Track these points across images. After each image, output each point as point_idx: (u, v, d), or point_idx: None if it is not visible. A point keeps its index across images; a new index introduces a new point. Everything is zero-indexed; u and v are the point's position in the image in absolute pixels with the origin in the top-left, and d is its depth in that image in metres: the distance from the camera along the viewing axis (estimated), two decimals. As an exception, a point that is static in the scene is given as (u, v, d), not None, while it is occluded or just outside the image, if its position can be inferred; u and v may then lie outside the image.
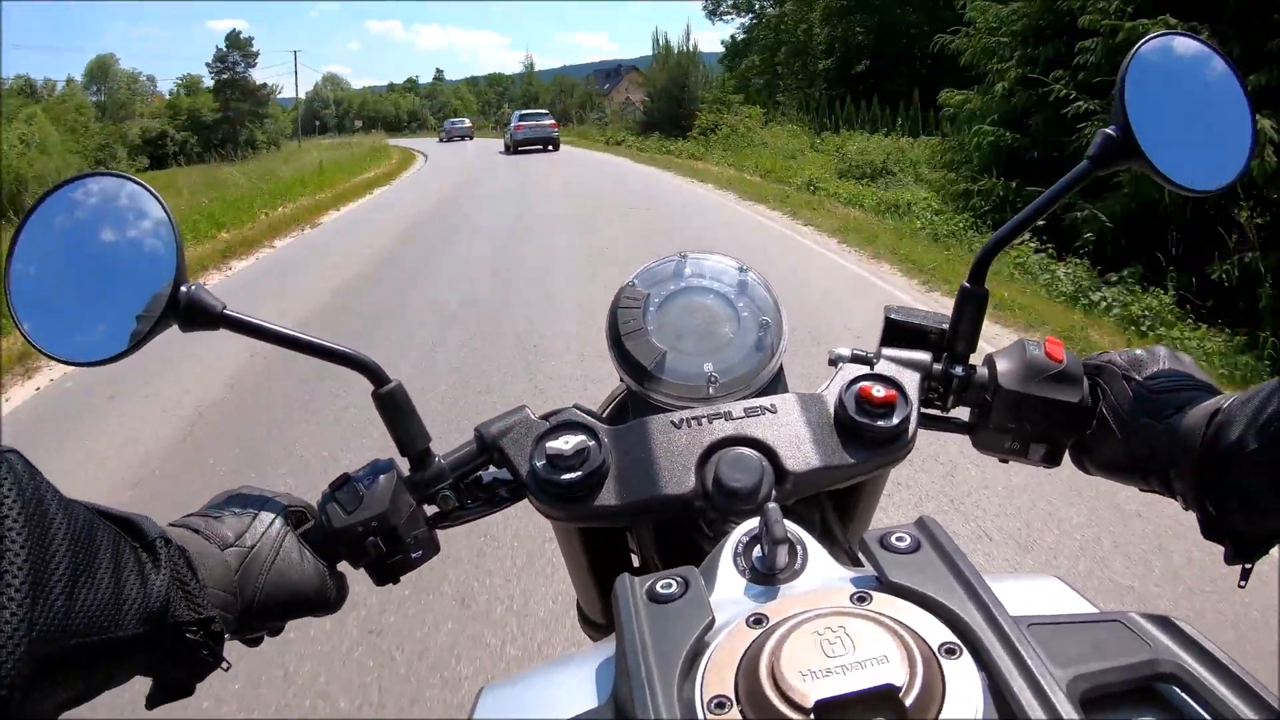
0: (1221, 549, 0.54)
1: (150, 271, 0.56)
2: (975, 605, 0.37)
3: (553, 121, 28.96)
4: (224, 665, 0.48)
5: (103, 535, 0.40)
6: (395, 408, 0.59)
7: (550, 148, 27.01)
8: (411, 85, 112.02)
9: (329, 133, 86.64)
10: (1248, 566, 0.55)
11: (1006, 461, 0.66)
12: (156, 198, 0.58)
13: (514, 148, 27.51)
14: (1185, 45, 0.62)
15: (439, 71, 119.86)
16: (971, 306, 0.64)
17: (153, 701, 0.46)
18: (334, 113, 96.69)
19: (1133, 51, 0.59)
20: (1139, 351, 0.61)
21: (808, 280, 6.10)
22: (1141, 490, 0.61)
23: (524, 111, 33.80)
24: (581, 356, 4.37)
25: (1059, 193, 0.61)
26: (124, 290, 0.56)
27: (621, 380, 0.66)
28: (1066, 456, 0.64)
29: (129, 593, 0.40)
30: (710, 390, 0.62)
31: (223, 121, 48.76)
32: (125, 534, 0.43)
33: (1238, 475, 0.51)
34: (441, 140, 47.26)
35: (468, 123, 50.27)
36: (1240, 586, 0.56)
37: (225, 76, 51.62)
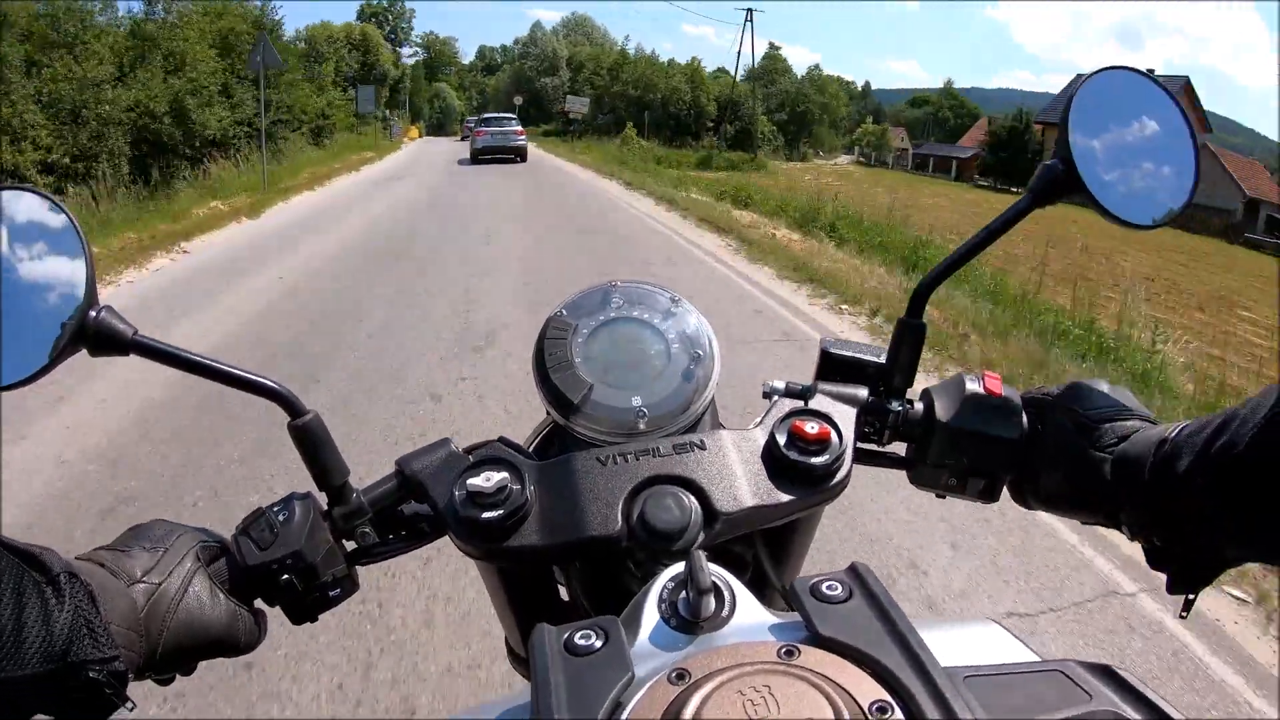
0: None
1: (59, 294, 0.53)
2: (908, 659, 0.36)
3: (519, 129, 25.34)
4: (128, 705, 0.45)
5: (4, 568, 0.39)
6: (312, 440, 0.57)
7: (517, 158, 24.02)
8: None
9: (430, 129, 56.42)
10: (1190, 597, 0.54)
11: (944, 497, 0.64)
12: (69, 216, 0.55)
13: (476, 156, 24.14)
14: (1130, 80, 0.62)
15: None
16: (909, 339, 0.63)
17: None
18: (563, 81, 56.98)
19: (1077, 85, 0.59)
20: (1078, 384, 0.61)
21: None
22: (1084, 523, 0.60)
23: (488, 115, 28.62)
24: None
25: (1001, 227, 0.61)
26: (31, 313, 0.53)
27: (548, 413, 0.64)
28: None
29: (30, 631, 0.39)
30: (639, 425, 0.60)
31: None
32: (29, 568, 0.41)
33: (1184, 506, 0.50)
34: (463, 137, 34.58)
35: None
36: (1181, 617, 0.56)
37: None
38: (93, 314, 0.53)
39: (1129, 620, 2.56)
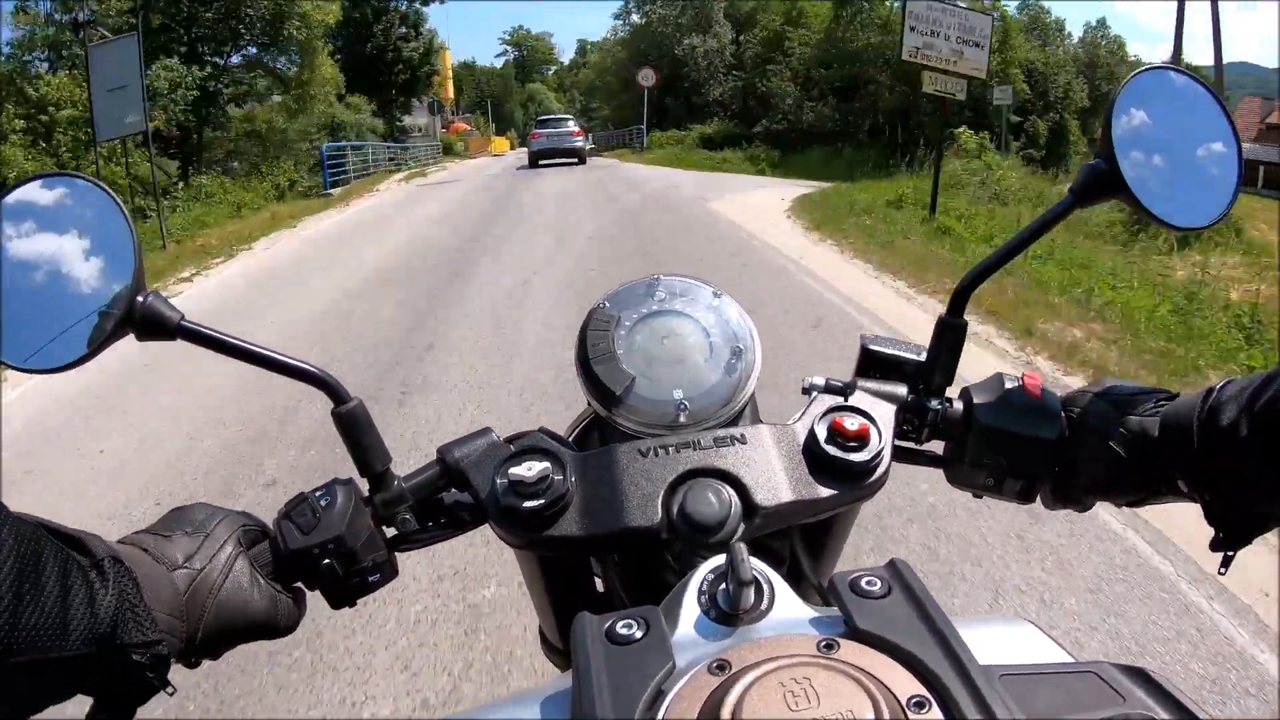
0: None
1: (108, 278, 0.54)
2: (945, 655, 0.36)
3: (576, 129, 23.44)
4: (169, 690, 0.46)
5: (50, 553, 0.40)
6: (355, 427, 0.57)
7: (577, 160, 22.55)
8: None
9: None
10: (1230, 554, 0.55)
11: (980, 496, 0.64)
12: (116, 202, 0.56)
13: (534, 161, 22.61)
14: (1174, 80, 0.61)
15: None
16: (950, 338, 0.63)
17: None
18: (723, 44, 28.48)
19: (1121, 85, 0.59)
20: (1112, 381, 0.61)
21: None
22: (1131, 504, 0.60)
23: (543, 117, 26.56)
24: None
25: (1041, 226, 0.60)
26: (81, 297, 0.54)
27: (589, 404, 0.64)
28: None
29: (75, 613, 0.40)
30: (680, 418, 0.60)
31: None
32: (74, 552, 0.42)
33: (1229, 459, 0.51)
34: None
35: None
36: (1220, 574, 0.56)
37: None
38: (140, 299, 0.53)
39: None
